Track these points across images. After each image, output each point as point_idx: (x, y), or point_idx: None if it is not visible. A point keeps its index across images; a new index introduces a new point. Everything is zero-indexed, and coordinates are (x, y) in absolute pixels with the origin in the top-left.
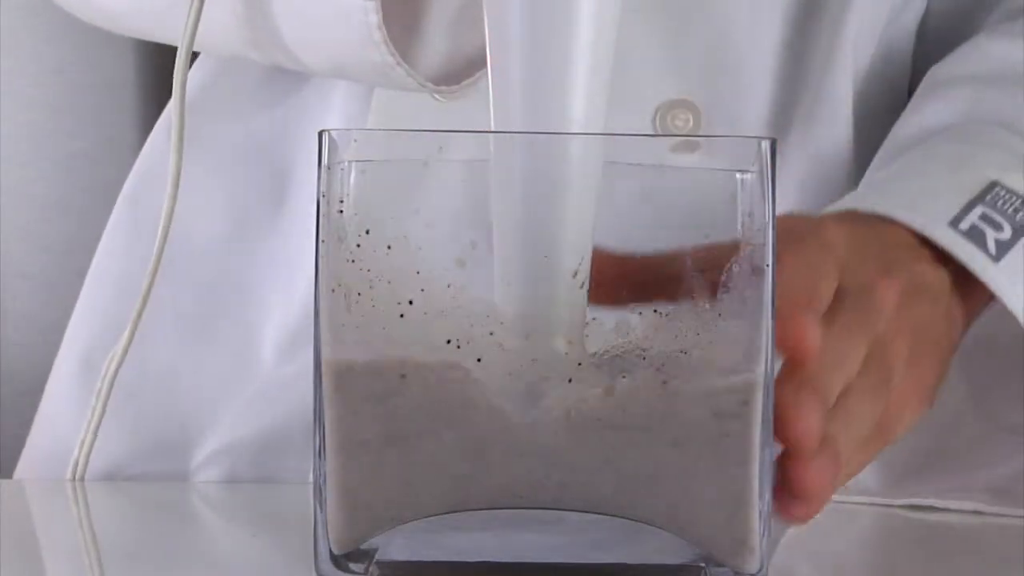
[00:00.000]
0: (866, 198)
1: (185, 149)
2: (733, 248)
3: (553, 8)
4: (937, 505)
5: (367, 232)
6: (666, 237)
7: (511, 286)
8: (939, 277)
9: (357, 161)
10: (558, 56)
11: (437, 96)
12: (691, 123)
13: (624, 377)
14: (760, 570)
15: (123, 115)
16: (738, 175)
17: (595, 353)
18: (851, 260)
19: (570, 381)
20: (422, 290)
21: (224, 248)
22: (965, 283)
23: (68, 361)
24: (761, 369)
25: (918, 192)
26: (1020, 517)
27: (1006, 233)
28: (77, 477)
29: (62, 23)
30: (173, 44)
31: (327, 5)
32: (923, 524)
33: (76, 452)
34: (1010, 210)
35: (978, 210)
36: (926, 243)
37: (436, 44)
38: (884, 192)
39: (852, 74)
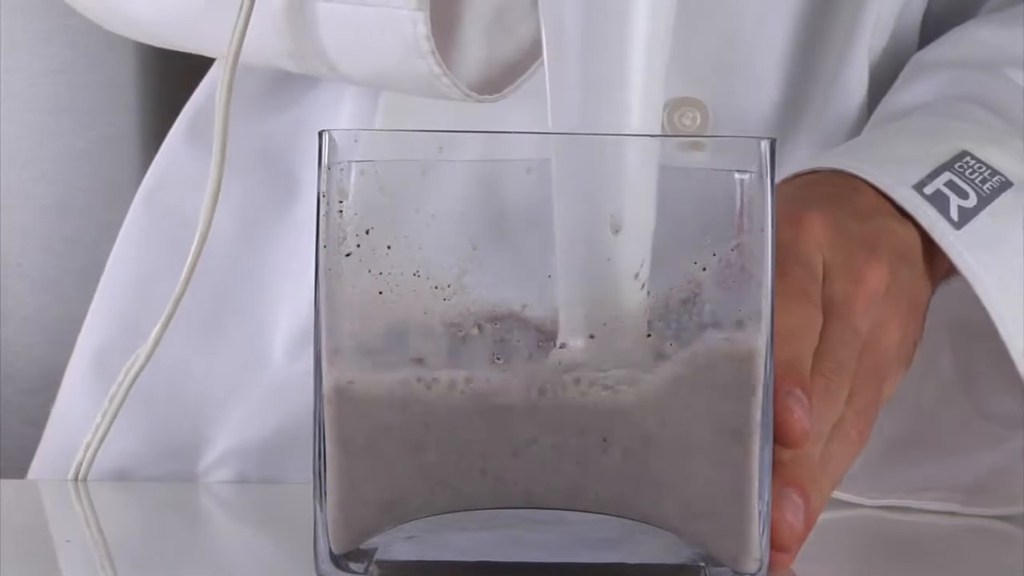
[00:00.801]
0: (838, 158)
1: (199, 150)
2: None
3: (610, 6)
4: (912, 506)
5: (367, 232)
6: (666, 237)
7: (575, 288)
8: (912, 236)
9: (357, 161)
10: (616, 56)
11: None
12: (698, 121)
13: (624, 377)
14: (759, 570)
15: (123, 115)
16: (737, 175)
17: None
18: (835, 257)
19: (592, 384)
20: (421, 289)
21: (235, 248)
22: (931, 246)
23: (82, 360)
24: (761, 369)
25: (888, 156)
26: (994, 518)
27: (971, 201)
28: (80, 478)
29: (62, 23)
30: (201, 53)
31: (373, 16)
32: (900, 524)
33: (81, 454)
34: (978, 180)
35: (945, 176)
36: (894, 205)
37: (473, 52)
38: (856, 155)
39: (868, 67)
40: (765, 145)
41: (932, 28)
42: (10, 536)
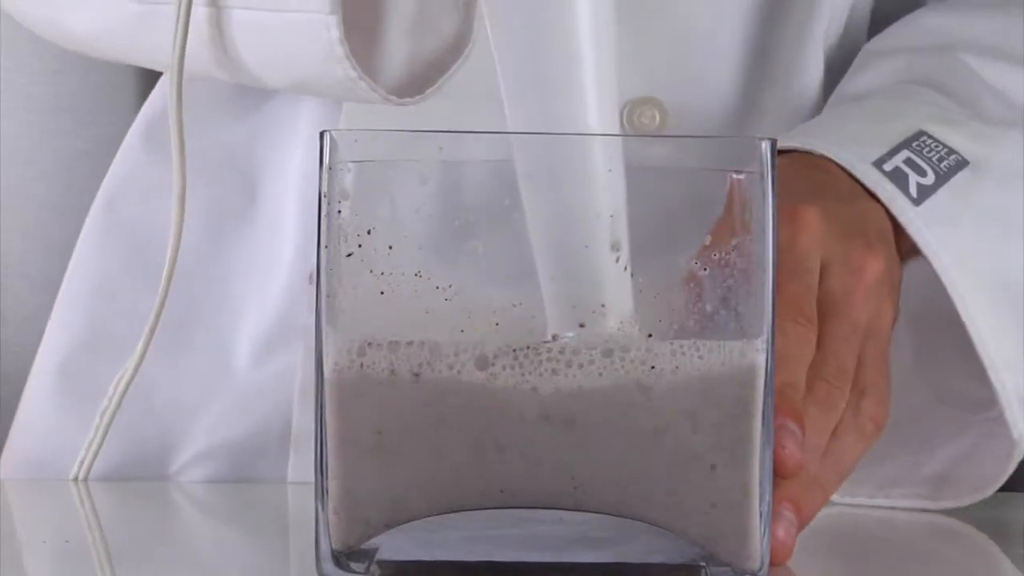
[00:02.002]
0: (798, 138)
1: (158, 156)
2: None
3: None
4: (882, 504)
5: (368, 232)
6: (666, 238)
7: (556, 280)
8: (884, 216)
9: (358, 161)
10: (563, 53)
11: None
12: (657, 120)
13: (624, 377)
14: (760, 569)
15: (123, 115)
16: (737, 175)
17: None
18: (833, 250)
19: (592, 380)
20: (422, 289)
21: (197, 256)
22: (895, 225)
23: (45, 370)
24: (761, 370)
25: (847, 135)
26: (959, 517)
27: (929, 179)
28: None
29: None
30: (144, 66)
31: (287, 21)
32: (869, 520)
33: (76, 470)
34: (935, 158)
35: (903, 154)
36: (861, 185)
37: (395, 51)
38: (815, 135)
39: (823, 62)
40: (765, 145)
41: (881, 18)
42: (9, 536)
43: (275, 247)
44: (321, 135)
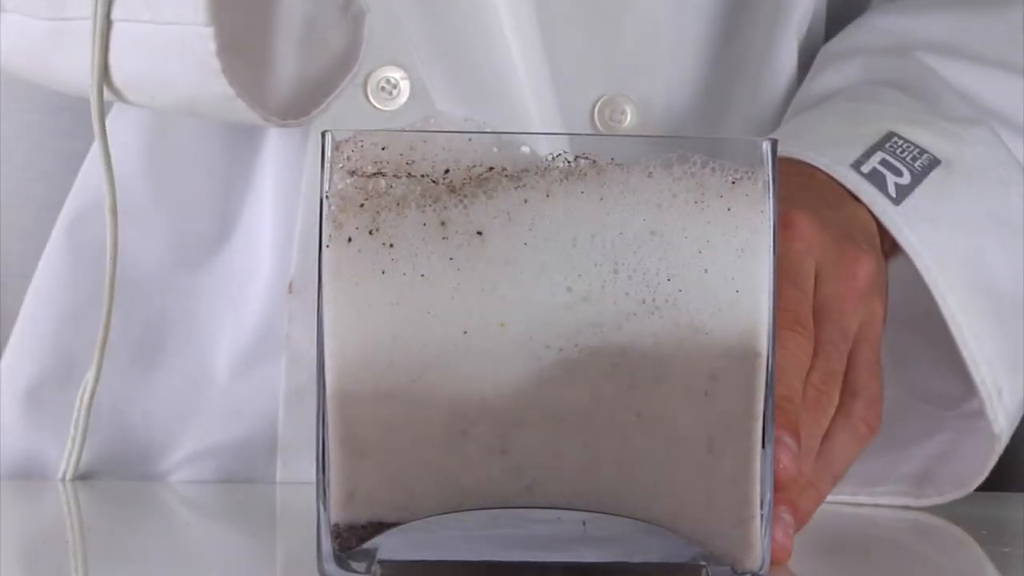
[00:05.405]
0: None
1: (121, 180)
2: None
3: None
4: (865, 502)
5: (370, 233)
6: (667, 239)
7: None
8: (869, 218)
9: (360, 162)
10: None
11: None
12: (628, 117)
13: (626, 378)
14: (761, 568)
15: None
16: (739, 175)
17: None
18: (826, 256)
19: (583, 377)
20: (425, 290)
21: (172, 272)
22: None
23: (12, 397)
24: (763, 370)
25: (821, 139)
26: (941, 514)
27: (905, 179)
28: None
29: None
30: (59, 89)
31: (167, 34)
32: (853, 518)
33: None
34: (908, 158)
35: (878, 156)
36: (843, 187)
37: (283, 70)
38: (790, 140)
39: (796, 56)
40: (766, 145)
41: (832, 17)
42: (10, 536)
43: (252, 260)
44: (323, 135)
